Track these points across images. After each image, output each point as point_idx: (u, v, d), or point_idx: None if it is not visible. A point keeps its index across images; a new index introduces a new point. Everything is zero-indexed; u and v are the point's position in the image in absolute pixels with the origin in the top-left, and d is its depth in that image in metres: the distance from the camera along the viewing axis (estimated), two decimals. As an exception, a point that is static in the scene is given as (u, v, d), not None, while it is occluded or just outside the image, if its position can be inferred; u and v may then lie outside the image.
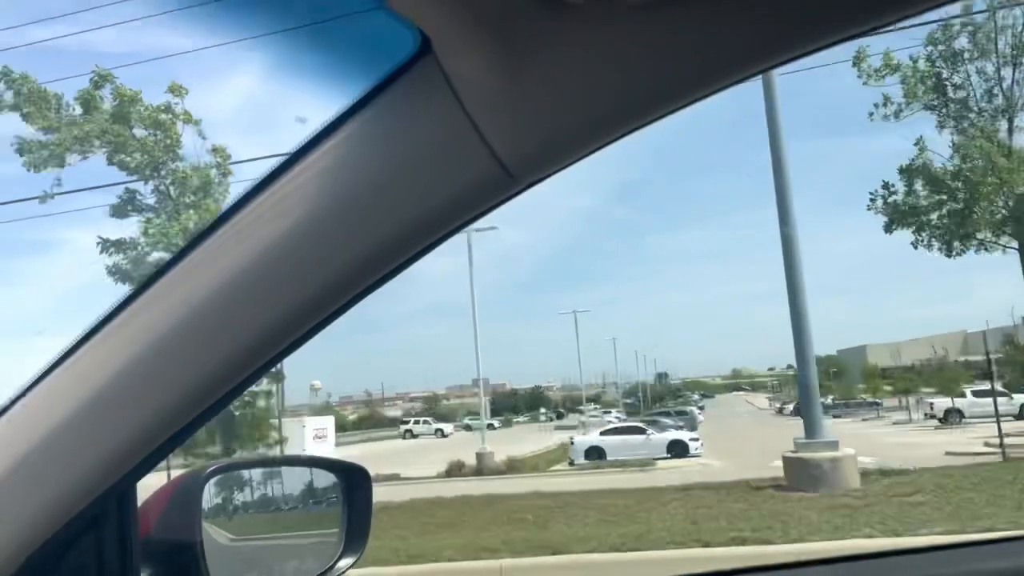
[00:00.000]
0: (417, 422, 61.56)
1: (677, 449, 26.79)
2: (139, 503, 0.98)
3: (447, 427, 59.43)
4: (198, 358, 0.83)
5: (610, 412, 61.48)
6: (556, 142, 0.75)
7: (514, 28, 0.68)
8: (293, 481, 1.38)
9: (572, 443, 28.79)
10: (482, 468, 24.41)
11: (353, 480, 1.30)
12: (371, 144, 0.78)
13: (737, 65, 0.69)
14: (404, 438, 55.99)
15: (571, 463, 26.83)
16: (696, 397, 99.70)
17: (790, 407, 49.24)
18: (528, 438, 42.59)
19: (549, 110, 0.72)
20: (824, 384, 32.98)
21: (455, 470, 24.07)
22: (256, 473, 1.29)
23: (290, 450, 25.32)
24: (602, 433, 29.42)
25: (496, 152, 0.74)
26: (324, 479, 1.33)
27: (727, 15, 0.66)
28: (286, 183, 0.80)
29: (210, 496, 1.09)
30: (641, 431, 28.88)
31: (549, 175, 0.78)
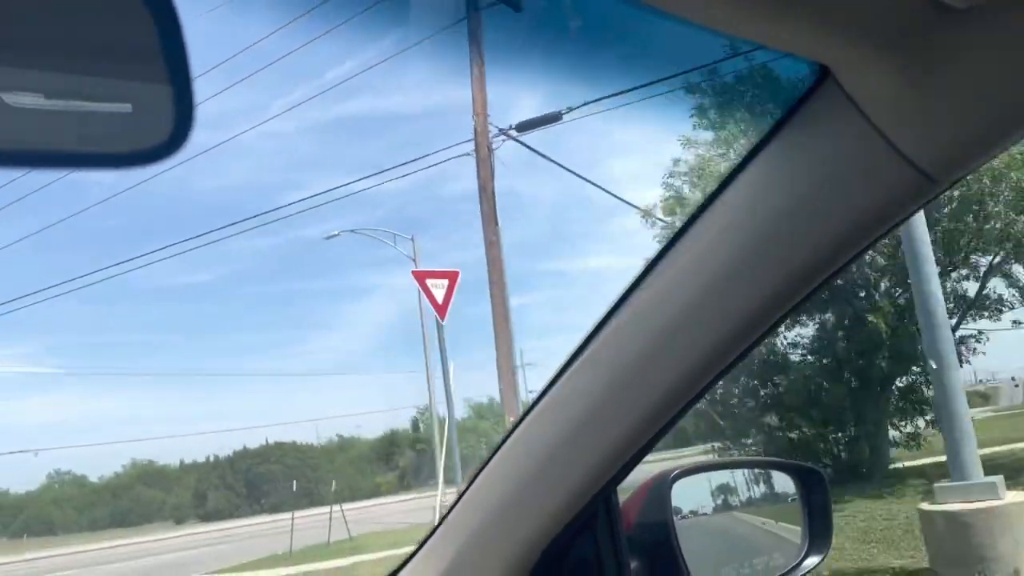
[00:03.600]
0: None
1: None
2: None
3: None
4: (667, 371, 0.94)
5: None
6: (972, 140, 0.74)
7: (911, 41, 0.69)
8: (753, 482, 1.46)
9: None
10: None
11: (809, 482, 1.34)
12: (792, 167, 0.83)
13: None
14: None
15: None
16: None
17: None
18: None
19: (959, 111, 0.72)
20: None
21: None
22: (718, 474, 1.40)
23: None
24: None
25: (912, 159, 0.75)
26: (782, 480, 1.38)
27: None
28: (722, 207, 0.89)
29: (678, 496, 1.22)
30: None
31: (971, 171, 0.77)
